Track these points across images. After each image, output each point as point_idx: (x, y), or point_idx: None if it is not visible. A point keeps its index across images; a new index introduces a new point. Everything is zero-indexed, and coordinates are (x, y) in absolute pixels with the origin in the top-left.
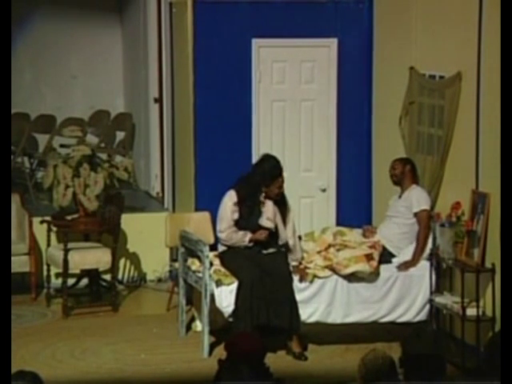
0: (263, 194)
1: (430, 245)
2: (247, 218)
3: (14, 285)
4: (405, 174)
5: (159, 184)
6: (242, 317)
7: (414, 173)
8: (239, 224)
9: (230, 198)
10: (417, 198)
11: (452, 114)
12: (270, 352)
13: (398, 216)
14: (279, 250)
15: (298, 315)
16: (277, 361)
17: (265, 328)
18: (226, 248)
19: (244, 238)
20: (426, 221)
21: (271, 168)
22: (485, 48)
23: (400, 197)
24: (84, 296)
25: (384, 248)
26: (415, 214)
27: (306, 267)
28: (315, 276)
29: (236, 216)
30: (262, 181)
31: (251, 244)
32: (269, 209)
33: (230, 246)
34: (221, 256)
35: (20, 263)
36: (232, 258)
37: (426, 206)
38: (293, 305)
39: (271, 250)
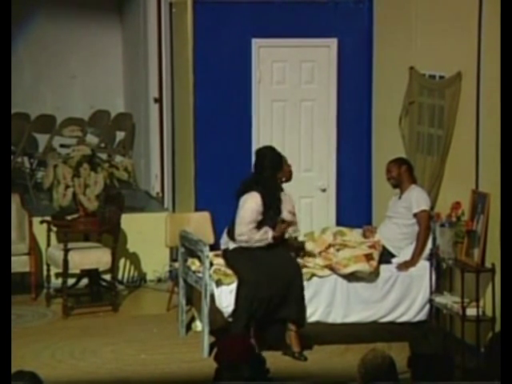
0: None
1: (429, 245)
2: (270, 218)
3: (14, 285)
4: (401, 175)
5: (159, 184)
6: (240, 317)
7: (410, 172)
8: (262, 225)
9: (256, 201)
10: (416, 198)
11: (452, 114)
12: (274, 350)
13: (397, 217)
14: (284, 249)
15: (305, 311)
16: (276, 361)
17: (265, 325)
18: (227, 249)
19: (266, 235)
20: (426, 221)
21: (273, 157)
22: (485, 48)
23: (400, 197)
24: (84, 296)
25: (384, 248)
26: (415, 215)
27: (304, 265)
28: (314, 275)
29: (260, 218)
30: (276, 172)
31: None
32: (288, 202)
33: (229, 249)
34: (224, 254)
35: (20, 263)
36: (237, 257)
37: (426, 207)
38: (301, 302)
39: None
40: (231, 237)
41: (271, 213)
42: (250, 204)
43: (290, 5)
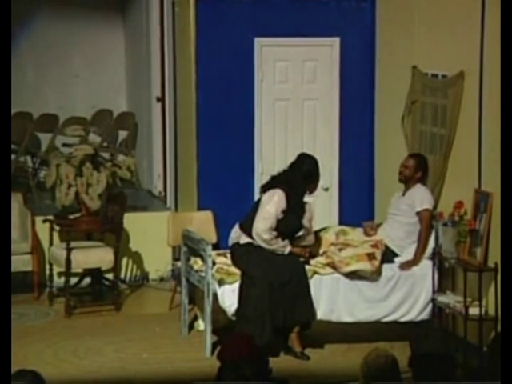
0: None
1: (432, 244)
2: (291, 220)
3: (16, 284)
4: (416, 173)
5: (162, 183)
6: (253, 318)
7: (425, 173)
8: (281, 225)
9: (280, 199)
10: (420, 197)
11: (454, 113)
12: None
13: (400, 214)
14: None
15: (315, 313)
16: (279, 360)
17: (280, 328)
18: (237, 244)
19: (284, 248)
20: (428, 220)
21: (313, 169)
22: (487, 47)
23: (403, 194)
24: (86, 295)
25: (387, 247)
26: (417, 213)
27: (310, 255)
28: (316, 273)
29: (280, 216)
30: (308, 181)
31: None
32: (308, 211)
33: (240, 243)
34: (232, 250)
35: (23, 262)
36: (246, 255)
37: (429, 206)
38: (310, 304)
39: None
40: (245, 231)
41: (293, 216)
42: (276, 201)
43: (292, 4)
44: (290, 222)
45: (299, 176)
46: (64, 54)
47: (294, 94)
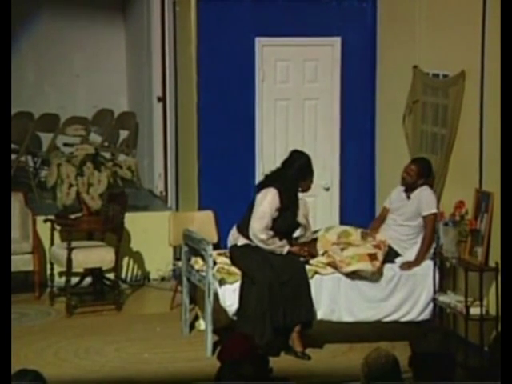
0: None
1: (433, 244)
2: (286, 218)
3: (17, 283)
4: (419, 178)
5: (163, 183)
6: (254, 318)
7: (429, 174)
8: (277, 224)
9: (274, 197)
10: (427, 201)
11: (455, 113)
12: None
13: (405, 217)
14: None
15: (314, 313)
16: (280, 360)
17: (280, 328)
18: (235, 246)
19: (282, 248)
20: (433, 224)
21: (306, 163)
22: (488, 47)
23: (408, 197)
24: (87, 295)
25: (390, 247)
26: (423, 217)
27: (307, 263)
28: (316, 273)
29: (275, 215)
30: (300, 178)
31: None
32: (302, 207)
33: (238, 245)
34: (231, 251)
35: (23, 262)
36: (245, 257)
37: (435, 210)
38: (310, 303)
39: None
40: (242, 232)
41: (288, 213)
42: (271, 199)
43: (293, 3)
44: (286, 220)
45: (291, 173)
46: (65, 54)
47: (295, 94)
